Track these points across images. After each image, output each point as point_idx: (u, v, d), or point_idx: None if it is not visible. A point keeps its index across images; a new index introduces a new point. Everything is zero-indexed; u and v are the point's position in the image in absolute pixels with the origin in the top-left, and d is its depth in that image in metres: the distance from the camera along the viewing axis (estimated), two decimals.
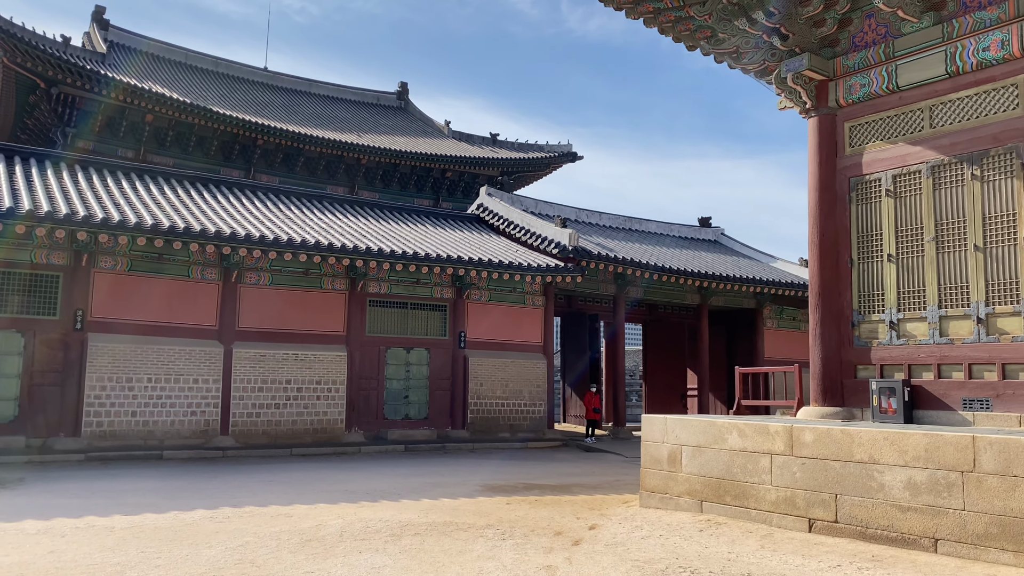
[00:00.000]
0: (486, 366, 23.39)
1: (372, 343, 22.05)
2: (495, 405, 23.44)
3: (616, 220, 29.93)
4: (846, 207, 11.98)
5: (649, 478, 12.18)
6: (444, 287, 23.07)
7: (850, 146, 12.07)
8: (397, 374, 22.41)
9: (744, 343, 30.44)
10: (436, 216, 26.48)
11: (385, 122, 50.37)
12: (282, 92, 49.26)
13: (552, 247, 23.49)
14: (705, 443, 11.37)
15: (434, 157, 42.21)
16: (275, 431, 20.10)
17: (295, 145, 38.47)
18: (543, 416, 24.16)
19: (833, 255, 11.99)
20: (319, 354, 20.86)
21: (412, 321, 22.72)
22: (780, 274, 28.82)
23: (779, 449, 10.34)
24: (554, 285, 24.58)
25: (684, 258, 27.00)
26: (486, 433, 23.17)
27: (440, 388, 22.95)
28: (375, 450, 20.42)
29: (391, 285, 22.27)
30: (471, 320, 23.43)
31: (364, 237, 21.47)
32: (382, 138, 44.41)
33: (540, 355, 24.46)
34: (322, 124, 43.20)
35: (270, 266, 20.49)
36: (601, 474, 17.03)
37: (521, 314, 24.32)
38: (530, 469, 17.49)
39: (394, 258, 20.42)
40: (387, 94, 55.29)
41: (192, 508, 11.05)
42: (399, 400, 22.43)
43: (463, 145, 47.82)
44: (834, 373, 11.84)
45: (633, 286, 26.32)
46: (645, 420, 12.42)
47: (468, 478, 15.41)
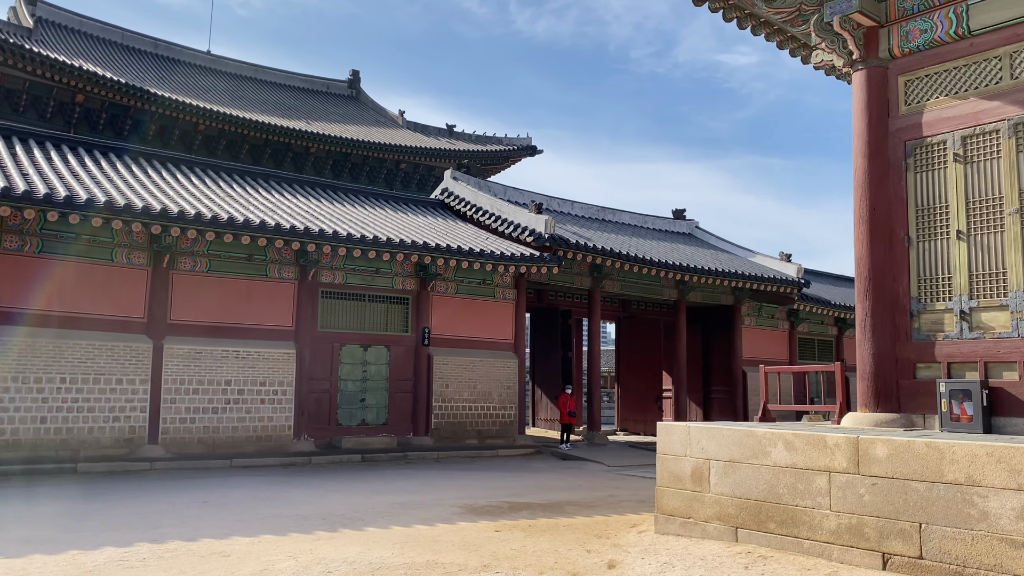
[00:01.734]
0: (452, 366, 21.15)
1: (325, 339, 19.63)
2: (462, 409, 21.22)
3: (590, 210, 27.96)
4: (901, 176, 10.11)
5: (667, 499, 10.12)
6: (406, 278, 20.76)
7: (906, 104, 10.21)
8: (353, 374, 20.03)
9: (721, 342, 28.78)
10: (396, 200, 24.15)
11: (336, 110, 47.89)
12: (226, 77, 46.41)
13: (526, 235, 21.38)
14: (741, 457, 9.35)
15: (388, 147, 40.00)
16: (213, 439, 17.57)
17: (239, 131, 35.83)
18: (514, 420, 22.02)
19: (886, 233, 10.10)
20: (264, 351, 18.38)
21: (370, 315, 20.37)
22: (761, 269, 27.21)
23: (840, 466, 8.38)
24: (527, 277, 22.47)
25: (662, 250, 25.17)
26: (452, 440, 20.94)
27: (401, 390, 20.63)
28: (327, 460, 18.03)
29: (347, 274, 19.87)
30: (436, 315, 21.17)
31: (316, 219, 19.05)
32: (332, 126, 41.99)
33: (511, 353, 22.32)
34: (269, 110, 40.62)
35: (208, 250, 17.94)
36: (590, 488, 14.96)
37: (491, 308, 22.15)
38: (508, 483, 15.33)
39: (350, 243, 18.06)
40: (338, 82, 52.70)
41: (99, 545, 8.61)
42: (355, 403, 20.06)
43: (418, 136, 45.62)
44: (888, 373, 9.95)
45: (610, 279, 24.37)
46: (662, 429, 10.36)
47: (441, 496, 13.18)
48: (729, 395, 28.14)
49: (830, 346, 32.07)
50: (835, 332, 32.14)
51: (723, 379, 28.51)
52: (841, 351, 32.18)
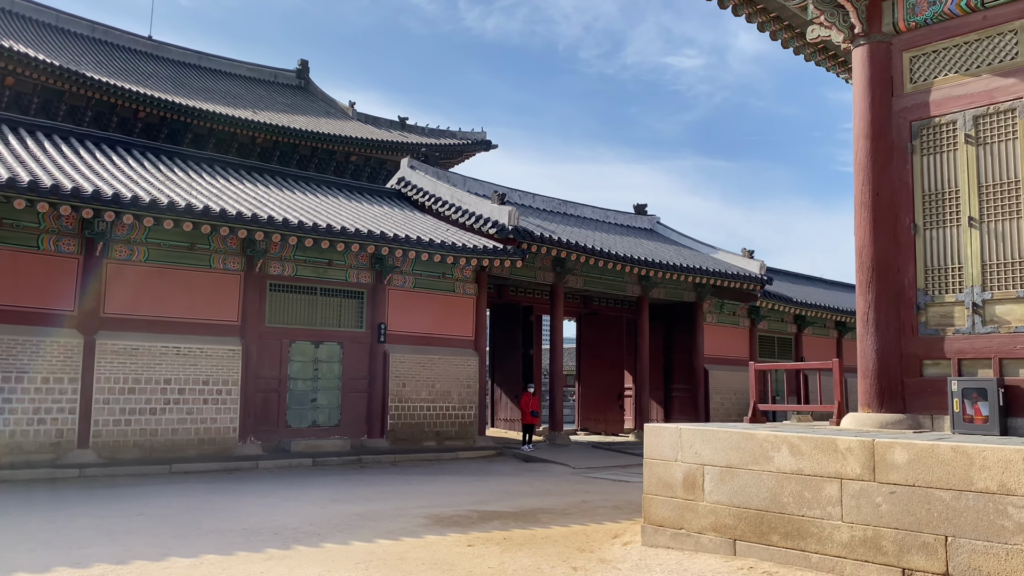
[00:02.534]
0: (410, 363, 20.07)
1: (273, 335, 18.38)
2: (420, 409, 20.14)
3: (551, 203, 27.11)
4: (906, 158, 9.42)
5: (656, 508, 9.26)
6: (361, 270, 19.61)
7: (911, 82, 9.53)
8: (303, 373, 18.81)
9: (682, 340, 28.22)
10: (350, 189, 22.92)
11: (283, 100, 46.27)
12: (168, 63, 44.42)
13: (489, 227, 20.40)
14: (739, 462, 8.54)
15: (338, 138, 38.68)
16: (150, 443, 16.20)
17: (182, 119, 34.11)
18: (474, 421, 21.03)
19: (889, 220, 9.40)
20: (207, 348, 17.06)
21: (322, 310, 19.16)
22: (724, 266, 26.70)
23: (853, 472, 7.62)
24: (488, 271, 21.50)
25: (626, 245, 24.44)
26: (409, 442, 19.85)
27: (355, 390, 19.47)
28: (276, 465, 16.81)
29: (297, 266, 18.64)
30: (393, 310, 20.06)
31: (264, 206, 17.78)
32: (280, 116, 40.42)
33: (471, 351, 21.31)
34: (213, 99, 38.91)
35: (146, 238, 16.55)
36: (559, 493, 14.07)
37: (450, 304, 21.11)
38: (473, 488, 14.34)
39: (301, 231, 16.86)
40: (286, 72, 50.99)
41: (9, 572, 7.38)
42: (305, 404, 18.84)
43: (369, 128, 44.31)
44: (892, 370, 9.25)
45: (573, 274, 23.54)
46: (650, 431, 9.51)
47: (403, 504, 12.14)
48: (691, 394, 27.59)
49: (790, 344, 31.82)
50: (794, 330, 31.90)
51: (684, 377, 27.95)
52: (800, 349, 31.96)
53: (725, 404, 28.07)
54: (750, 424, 10.07)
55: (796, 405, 11.55)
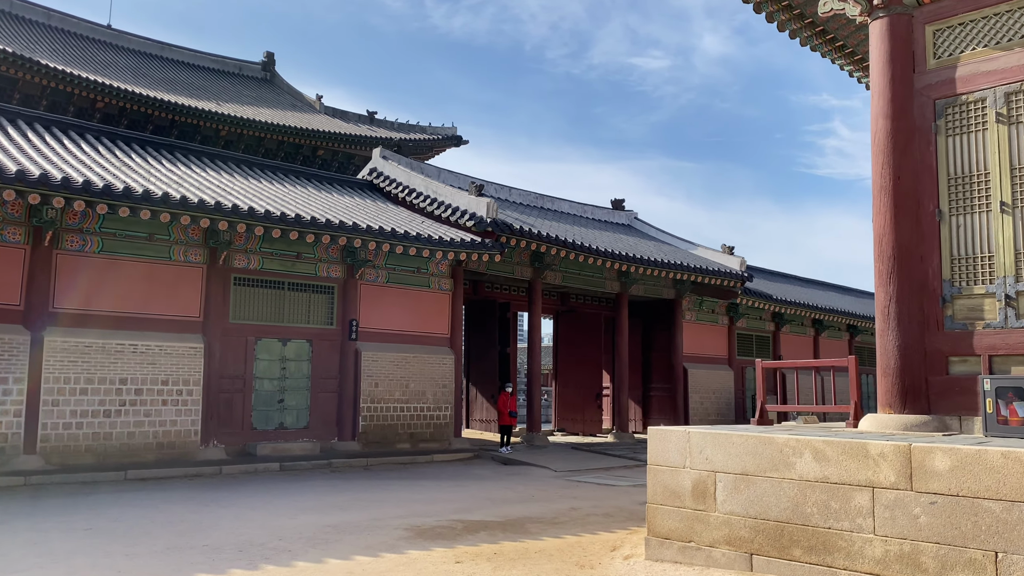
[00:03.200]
0: (383, 362, 19.10)
1: (238, 332, 17.31)
2: (393, 410, 19.19)
3: (528, 197, 26.29)
4: (930, 139, 8.75)
5: (662, 518, 8.48)
6: (332, 264, 18.60)
7: (935, 57, 8.86)
8: (270, 372, 17.77)
9: (661, 338, 27.60)
10: (320, 179, 21.88)
11: (249, 93, 44.91)
12: (128, 53, 42.85)
13: (466, 219, 19.51)
14: (756, 469, 7.79)
15: (304, 132, 37.58)
16: (104, 448, 15.06)
17: (142, 110, 32.73)
18: (450, 422, 20.13)
19: (911, 206, 8.72)
20: (167, 345, 15.95)
21: (290, 305, 18.13)
22: (704, 262, 26.11)
23: (887, 480, 6.90)
24: (464, 266, 20.60)
25: (605, 240, 23.71)
26: (382, 445, 18.89)
27: (325, 390, 18.47)
28: (241, 470, 15.76)
29: (264, 259, 17.59)
30: (365, 306, 19.08)
31: (228, 194, 16.71)
32: (245, 108, 39.15)
33: (447, 349, 20.41)
34: (175, 90, 37.51)
35: (100, 227, 15.41)
36: (545, 500, 13.25)
37: (425, 300, 20.19)
38: (453, 495, 13.46)
39: (268, 221, 15.83)
40: (251, 64, 49.56)
41: None
42: (272, 405, 17.80)
43: (337, 122, 43.19)
44: (916, 368, 8.56)
45: (551, 270, 22.75)
46: (655, 435, 8.72)
47: (379, 513, 11.22)
48: (669, 393, 26.97)
49: (767, 342, 31.37)
50: (772, 328, 31.46)
51: (663, 376, 27.32)
52: (778, 348, 31.54)
53: (704, 404, 27.50)
54: (765, 427, 9.31)
55: (801, 405, 10.84)
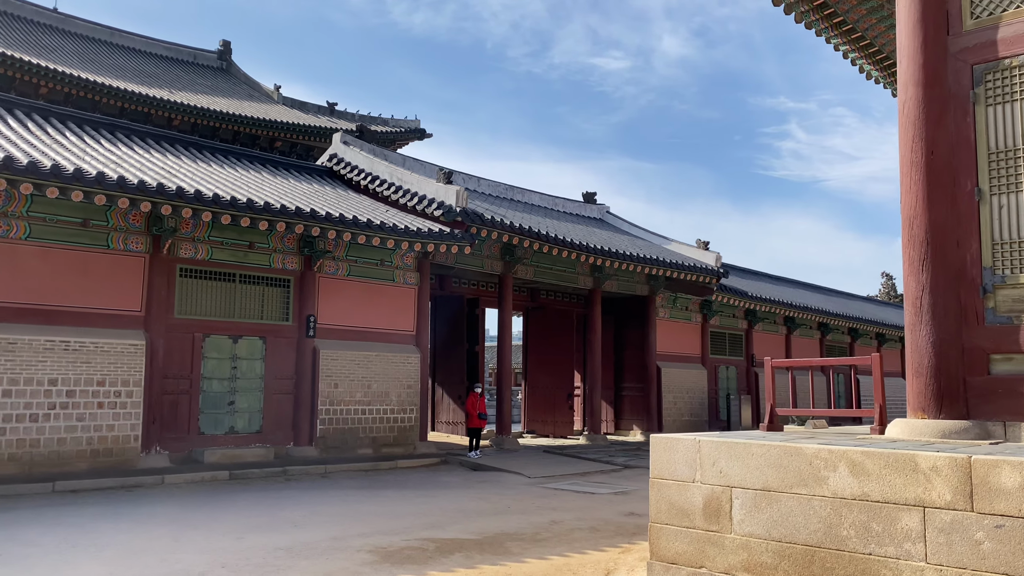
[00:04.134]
0: (343, 361, 17.78)
1: (184, 328, 15.87)
2: (354, 412, 17.88)
3: (497, 188, 25.11)
4: (967, 109, 7.77)
5: (668, 540, 7.38)
6: (288, 255, 17.23)
7: (972, 17, 7.88)
8: (220, 372, 16.35)
9: (634, 335, 26.64)
10: (275, 164, 20.45)
11: (203, 82, 43.09)
12: (76, 38, 40.82)
13: (434, 208, 18.26)
14: (781, 485, 6.72)
15: (262, 122, 36.02)
16: (30, 456, 13.54)
17: (90, 97, 30.86)
18: (415, 425, 18.88)
19: (946, 184, 7.73)
20: (104, 342, 14.47)
21: (242, 300, 16.72)
22: (679, 257, 25.20)
23: (942, 499, 5.86)
24: (431, 258, 19.36)
25: (578, 234, 22.64)
26: (342, 450, 17.57)
27: (280, 391, 17.09)
28: (186, 479, 14.34)
29: (213, 248, 16.16)
30: (324, 300, 17.74)
31: (174, 176, 15.26)
32: (199, 97, 37.43)
33: (412, 347, 19.15)
34: (124, 76, 35.67)
35: (27, 211, 13.87)
36: (522, 511, 12.09)
37: (389, 294, 18.90)
38: (421, 507, 12.23)
39: (217, 205, 14.42)
40: (206, 52, 47.69)
41: None
42: (222, 407, 16.37)
43: (296, 112, 41.65)
44: (952, 367, 7.57)
45: (523, 264, 21.62)
46: (660, 444, 7.62)
47: (339, 530, 9.96)
48: (642, 393, 26.01)
49: (740, 341, 30.62)
50: (745, 326, 30.72)
51: (636, 376, 26.36)
52: (751, 346, 30.81)
53: (678, 404, 26.62)
54: (787, 435, 8.23)
55: (816, 409, 9.85)
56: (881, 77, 12.30)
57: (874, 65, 11.96)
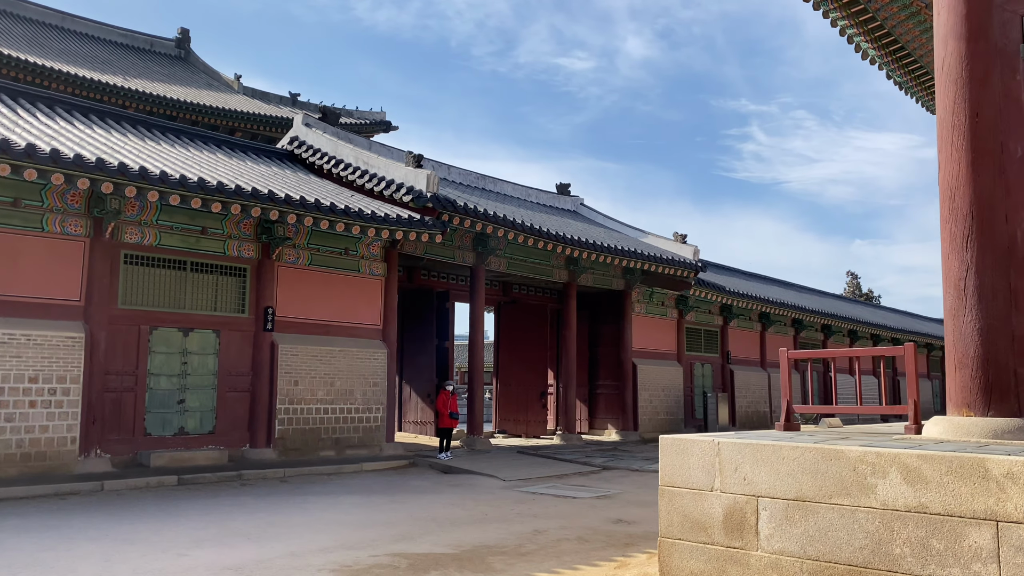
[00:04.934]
0: (304, 357, 16.55)
1: (129, 320, 14.53)
2: (316, 412, 16.66)
3: (468, 177, 24.00)
4: (1016, 67, 6.89)
5: (679, 558, 6.38)
6: (244, 242, 15.95)
7: None
8: (168, 367, 15.03)
9: (609, 331, 25.72)
10: (232, 146, 19.10)
11: (160, 70, 41.38)
12: (25, 22, 38.88)
13: (403, 194, 17.10)
14: (818, 494, 5.76)
15: (221, 112, 34.54)
16: None
17: (38, 82, 29.10)
18: (381, 425, 17.70)
19: (992, 150, 6.84)
20: (36, 335, 13.09)
21: (194, 289, 15.41)
22: (656, 250, 24.32)
23: (1018, 511, 4.94)
24: (399, 248, 18.20)
25: (554, 225, 21.63)
26: (302, 452, 16.34)
27: (235, 388, 15.82)
28: (129, 485, 13.02)
29: (161, 233, 14.84)
30: (284, 291, 16.49)
31: (117, 153, 13.91)
32: (156, 85, 35.77)
33: (379, 342, 17.97)
34: (76, 62, 33.92)
35: None
36: (501, 518, 11.03)
37: (354, 286, 17.70)
38: (390, 515, 11.10)
39: (165, 185, 13.11)
40: (163, 40, 45.90)
41: None
42: (171, 407, 15.05)
43: (257, 103, 40.16)
44: (1001, 357, 6.68)
45: (496, 255, 20.55)
46: (671, 445, 6.61)
47: (299, 544, 8.80)
48: (617, 391, 25.10)
49: (716, 337, 29.89)
50: (721, 322, 30.00)
51: (610, 373, 25.44)
52: (726, 342, 30.09)
53: (653, 402, 25.75)
54: (817, 435, 7.27)
55: (841, 406, 8.91)
56: (905, 83, 12.28)
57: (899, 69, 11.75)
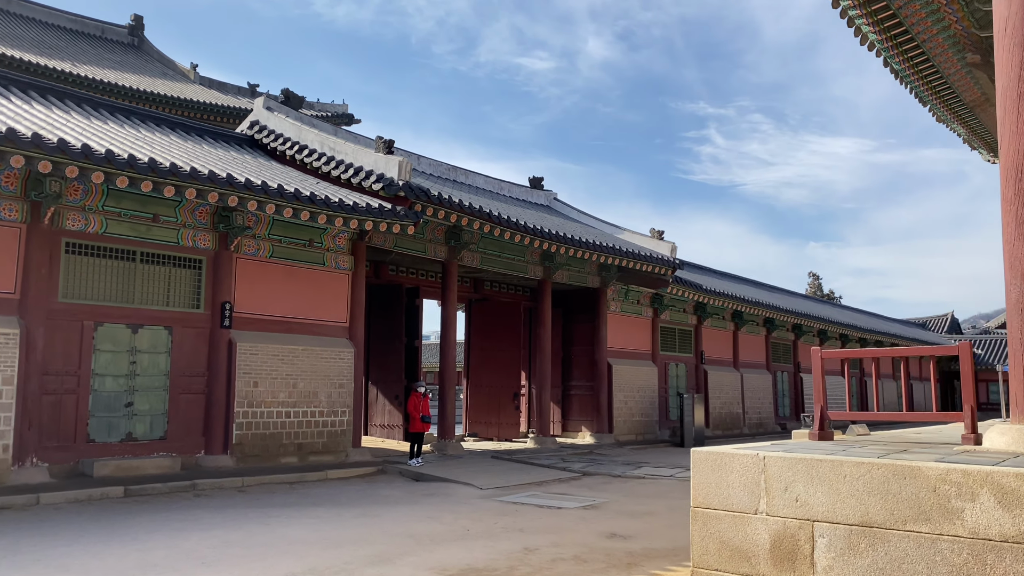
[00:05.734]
0: (265, 356, 15.36)
1: (70, 315, 13.21)
2: (277, 415, 15.47)
3: (439, 168, 22.91)
4: None
5: None
6: (200, 231, 14.71)
7: None
8: (115, 367, 13.73)
9: (583, 330, 24.85)
10: (187, 128, 17.77)
11: (112, 57, 39.61)
12: None
13: (372, 181, 15.98)
14: (889, 519, 4.86)
15: (177, 101, 33.07)
16: None
17: None
18: (348, 429, 16.57)
19: None
20: None
21: (144, 282, 14.13)
22: (633, 246, 23.51)
23: None
24: (368, 240, 17.08)
25: (530, 218, 20.67)
26: (262, 458, 15.14)
27: (189, 390, 14.56)
28: (68, 498, 11.73)
29: (108, 220, 13.54)
30: (243, 285, 15.28)
31: (58, 130, 12.60)
32: (107, 72, 34.14)
33: (346, 340, 16.83)
34: (22, 47, 32.18)
35: None
36: (486, 534, 10.03)
37: (319, 280, 16.54)
38: (361, 531, 10.03)
39: (112, 165, 11.85)
40: (116, 27, 44.14)
41: None
42: (117, 410, 13.76)
43: (214, 93, 38.63)
44: None
45: (469, 249, 19.52)
46: (706, 460, 5.67)
47: (261, 569, 7.70)
48: (591, 391, 24.24)
49: (690, 336, 29.21)
50: (695, 322, 29.33)
51: (585, 373, 24.58)
52: (700, 342, 29.44)
53: (628, 403, 24.94)
54: (880, 445, 6.38)
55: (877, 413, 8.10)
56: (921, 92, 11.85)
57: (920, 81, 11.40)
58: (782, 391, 34.88)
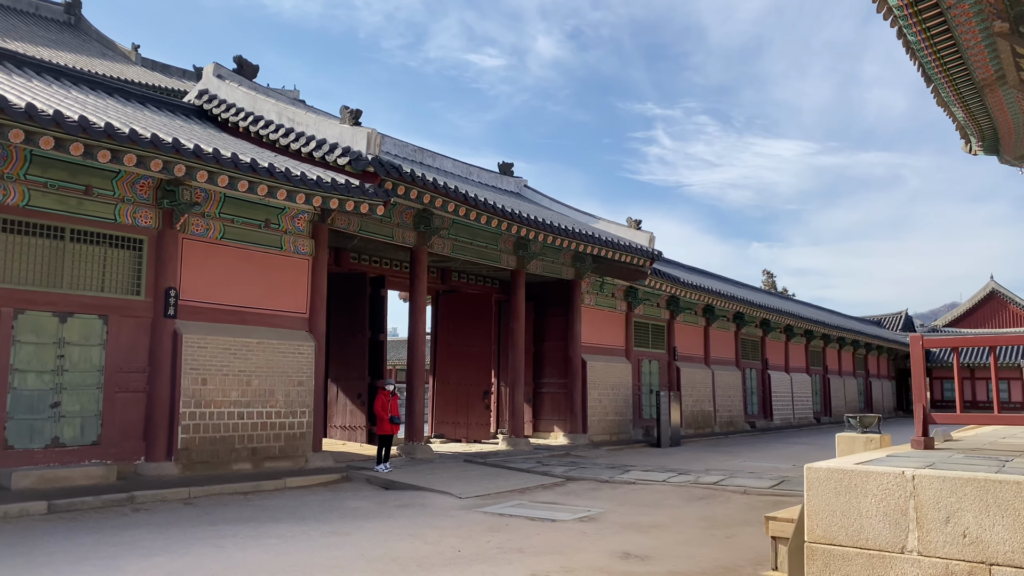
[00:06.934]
0: (214, 350, 13.60)
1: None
2: (228, 417, 13.73)
3: (405, 149, 21.26)
4: None
5: None
6: (141, 207, 12.90)
7: None
8: (39, 362, 11.87)
9: (556, 324, 23.51)
10: (127, 95, 15.86)
11: (47, 35, 37.03)
12: None
13: (337, 156, 14.33)
14: None
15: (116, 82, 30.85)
16: None
17: None
18: (308, 431, 14.90)
19: None
20: None
21: (74, 265, 12.28)
22: (611, 236, 22.22)
23: None
24: (331, 222, 15.42)
25: (504, 204, 19.19)
26: (211, 465, 13.39)
27: (127, 388, 12.75)
28: None
29: (31, 192, 11.67)
30: (190, 270, 13.51)
31: None
32: (40, 50, 31.69)
33: (305, 333, 15.16)
34: None
35: None
36: (480, 557, 8.56)
37: (276, 265, 14.83)
38: (333, 553, 8.46)
39: (36, 123, 10.03)
40: (52, 4, 41.42)
41: None
42: (42, 412, 11.90)
43: (156, 75, 36.28)
44: None
45: (440, 236, 17.98)
46: (825, 480, 4.28)
47: None
48: (564, 389, 22.89)
49: (663, 332, 28.09)
50: (668, 316, 28.23)
51: (558, 370, 23.23)
52: (673, 338, 28.34)
53: (603, 401, 23.67)
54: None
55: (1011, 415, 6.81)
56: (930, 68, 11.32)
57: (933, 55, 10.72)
58: (751, 388, 34.09)
